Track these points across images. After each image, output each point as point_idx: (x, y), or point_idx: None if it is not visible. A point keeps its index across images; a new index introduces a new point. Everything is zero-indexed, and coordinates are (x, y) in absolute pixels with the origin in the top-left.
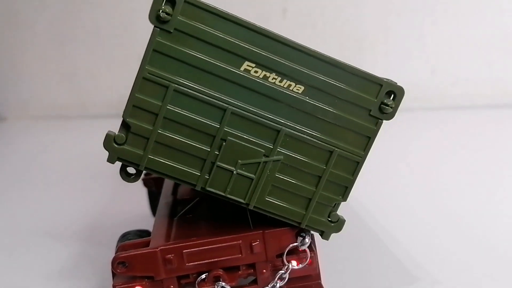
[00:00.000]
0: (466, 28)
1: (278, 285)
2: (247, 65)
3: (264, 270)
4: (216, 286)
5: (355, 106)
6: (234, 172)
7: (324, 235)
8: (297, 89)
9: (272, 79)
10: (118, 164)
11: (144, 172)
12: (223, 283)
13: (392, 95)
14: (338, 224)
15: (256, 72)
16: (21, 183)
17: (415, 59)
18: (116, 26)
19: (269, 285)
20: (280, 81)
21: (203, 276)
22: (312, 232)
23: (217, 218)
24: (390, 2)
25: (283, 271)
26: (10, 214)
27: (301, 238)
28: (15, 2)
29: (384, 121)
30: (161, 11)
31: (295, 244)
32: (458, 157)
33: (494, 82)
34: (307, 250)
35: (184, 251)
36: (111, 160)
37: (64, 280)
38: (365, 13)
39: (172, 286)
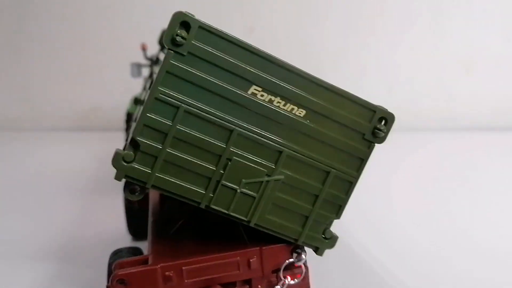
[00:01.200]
0: (423, 49)
1: None
2: (254, 89)
3: (259, 286)
4: None
5: (351, 130)
6: (238, 190)
7: (319, 251)
8: (299, 113)
9: (277, 103)
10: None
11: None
12: None
13: (384, 121)
14: (331, 240)
15: (262, 96)
16: None
17: (373, 78)
18: (72, 38)
19: None
20: (284, 105)
21: None
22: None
23: (210, 233)
24: (349, 25)
25: (279, 286)
26: None
27: (296, 254)
28: None
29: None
30: (177, 35)
31: (291, 260)
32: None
33: (449, 102)
34: (303, 266)
35: (183, 268)
36: (118, 177)
37: None
38: (326, 34)
39: None
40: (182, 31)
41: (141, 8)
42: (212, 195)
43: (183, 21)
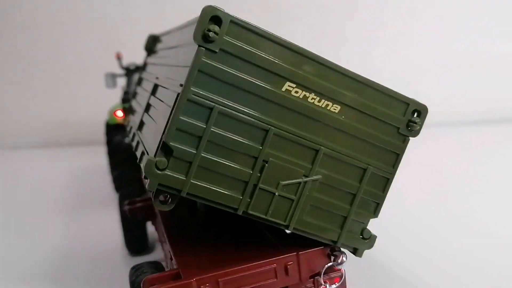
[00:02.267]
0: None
1: None
2: (288, 86)
3: None
4: None
5: (385, 125)
6: (276, 194)
7: (358, 252)
8: (334, 109)
9: (311, 99)
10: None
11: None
12: None
13: (417, 113)
14: (370, 240)
15: (296, 92)
16: None
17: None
18: (38, 51)
19: None
20: (319, 101)
21: None
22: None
23: (231, 240)
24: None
25: None
26: None
27: (334, 257)
28: None
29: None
30: (209, 30)
31: (331, 263)
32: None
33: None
34: (343, 269)
35: (220, 279)
36: (151, 187)
37: None
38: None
39: None
40: (214, 27)
41: (109, 20)
42: (249, 200)
43: (213, 16)
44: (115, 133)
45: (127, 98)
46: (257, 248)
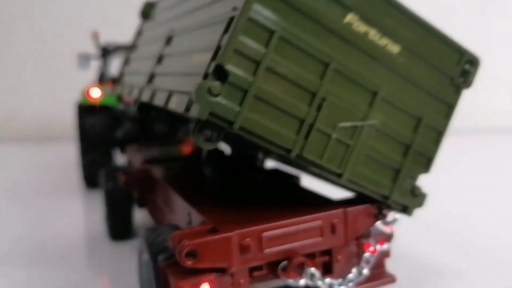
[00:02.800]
0: None
1: (365, 270)
2: (350, 18)
3: (340, 257)
4: (304, 274)
5: (440, 73)
6: (332, 136)
7: (408, 210)
8: (393, 49)
9: (372, 36)
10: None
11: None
12: (312, 269)
13: (470, 64)
14: (420, 198)
15: (357, 26)
16: None
17: None
18: None
19: (353, 270)
20: (379, 39)
21: (284, 263)
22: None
23: (265, 198)
24: None
25: (369, 254)
26: None
27: (382, 217)
28: None
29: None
30: None
31: (380, 221)
32: None
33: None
34: (393, 228)
35: (263, 234)
36: (202, 114)
37: None
38: None
39: (243, 280)
40: None
41: (65, 5)
42: (304, 142)
43: None
44: (87, 115)
45: (103, 78)
46: (296, 206)
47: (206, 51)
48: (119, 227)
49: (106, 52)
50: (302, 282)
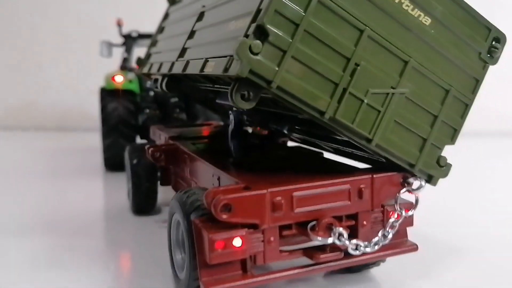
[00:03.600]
0: None
1: (389, 235)
2: None
3: (365, 222)
4: (332, 234)
5: (469, 47)
6: (364, 101)
7: (433, 180)
8: (425, 20)
9: (406, 6)
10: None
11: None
12: (341, 229)
13: (496, 41)
14: (446, 168)
15: None
16: None
17: None
18: (6, 29)
19: (379, 234)
20: (412, 10)
21: (313, 223)
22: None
23: (294, 165)
24: None
25: (394, 219)
26: None
27: (408, 184)
28: None
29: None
30: None
31: (407, 189)
32: None
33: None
34: (419, 195)
35: (294, 194)
36: (243, 71)
37: (49, 271)
38: None
39: (272, 238)
40: None
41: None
42: (337, 105)
43: None
44: (110, 99)
45: (126, 65)
46: (324, 172)
47: (244, 17)
48: (142, 202)
49: (129, 39)
50: (330, 240)
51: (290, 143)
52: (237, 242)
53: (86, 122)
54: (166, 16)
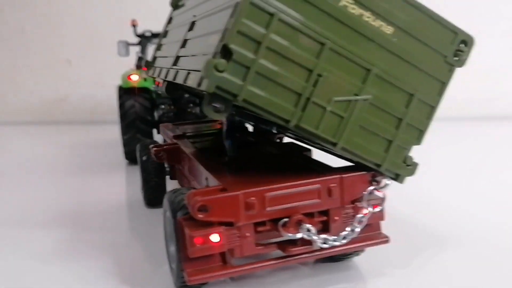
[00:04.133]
0: None
1: (357, 229)
2: (346, 1)
3: (336, 217)
4: (300, 230)
5: (434, 52)
6: (327, 108)
7: (399, 178)
8: (387, 30)
9: (367, 18)
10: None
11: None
12: (309, 225)
13: (464, 43)
14: (412, 167)
15: (353, 9)
16: None
17: None
18: (38, 27)
19: (347, 229)
20: (373, 21)
21: (285, 220)
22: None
23: (274, 168)
24: None
25: (361, 215)
26: None
27: (376, 183)
28: None
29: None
30: None
31: (373, 187)
32: None
33: None
34: (385, 193)
35: (266, 194)
36: (209, 87)
37: (61, 263)
38: None
39: (248, 234)
40: None
41: None
42: (301, 113)
43: None
44: (127, 97)
45: (141, 64)
46: (300, 174)
47: (217, 33)
48: (152, 196)
49: (143, 39)
50: (299, 235)
51: (287, 139)
52: (214, 238)
53: (113, 116)
54: (170, 20)
